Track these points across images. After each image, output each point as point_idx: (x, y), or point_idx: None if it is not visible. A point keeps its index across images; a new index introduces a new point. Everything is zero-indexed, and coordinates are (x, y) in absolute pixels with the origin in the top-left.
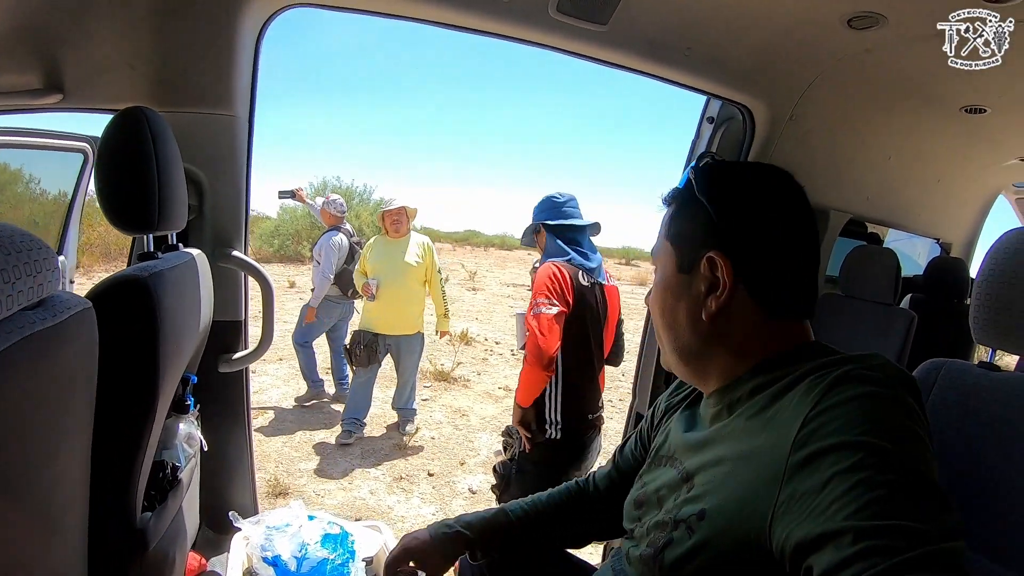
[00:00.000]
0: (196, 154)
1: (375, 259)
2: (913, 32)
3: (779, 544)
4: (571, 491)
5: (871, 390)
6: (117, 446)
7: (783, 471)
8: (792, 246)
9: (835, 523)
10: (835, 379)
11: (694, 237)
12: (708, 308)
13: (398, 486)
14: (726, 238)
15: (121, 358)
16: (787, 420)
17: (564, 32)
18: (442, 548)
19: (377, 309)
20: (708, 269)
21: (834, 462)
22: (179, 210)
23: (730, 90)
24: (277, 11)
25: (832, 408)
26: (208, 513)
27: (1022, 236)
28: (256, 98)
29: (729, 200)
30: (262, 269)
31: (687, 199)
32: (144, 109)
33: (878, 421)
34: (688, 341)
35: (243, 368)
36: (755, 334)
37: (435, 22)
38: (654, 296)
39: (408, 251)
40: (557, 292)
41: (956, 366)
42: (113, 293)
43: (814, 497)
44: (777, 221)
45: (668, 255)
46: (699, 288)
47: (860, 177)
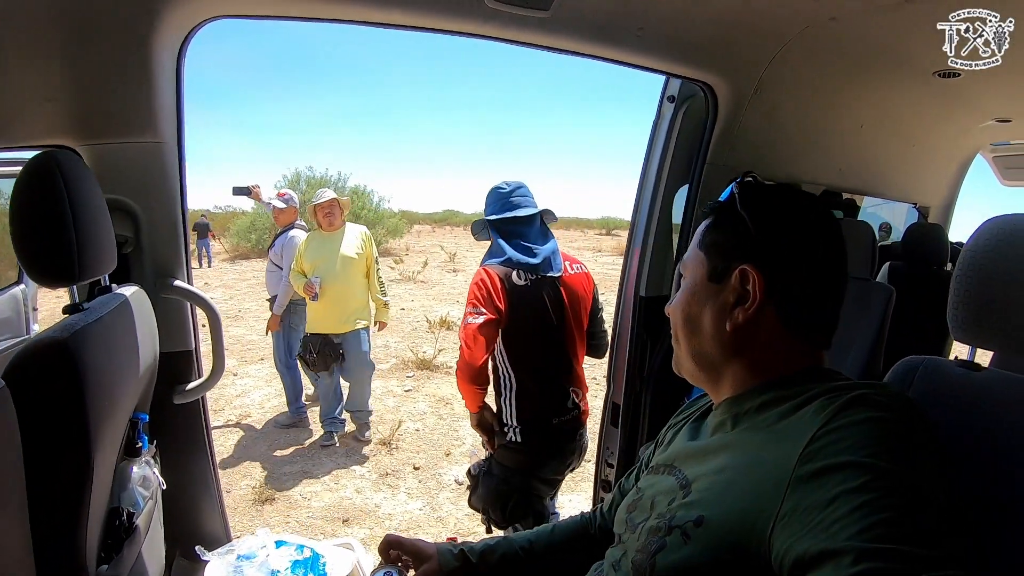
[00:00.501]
0: (126, 185)
1: (312, 256)
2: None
3: (778, 556)
4: (575, 523)
5: (883, 415)
6: (60, 509)
7: (787, 483)
8: (824, 271)
9: (837, 542)
10: (848, 401)
11: (729, 248)
12: (734, 319)
13: (384, 482)
14: (762, 253)
15: (49, 425)
16: (795, 435)
17: (502, 21)
18: (441, 557)
19: (322, 309)
20: (739, 281)
21: (841, 480)
22: (104, 255)
23: (689, 68)
24: (193, 28)
25: (843, 428)
26: (179, 546)
27: (999, 228)
28: (184, 121)
29: (769, 217)
30: (205, 296)
31: (726, 212)
32: (54, 153)
33: (889, 445)
34: (708, 348)
35: (199, 397)
36: (774, 351)
37: (363, 22)
38: (680, 301)
39: (345, 243)
40: (484, 299)
41: (934, 364)
42: (32, 362)
43: (818, 513)
44: (812, 245)
45: (699, 263)
46: (728, 299)
47: (832, 147)
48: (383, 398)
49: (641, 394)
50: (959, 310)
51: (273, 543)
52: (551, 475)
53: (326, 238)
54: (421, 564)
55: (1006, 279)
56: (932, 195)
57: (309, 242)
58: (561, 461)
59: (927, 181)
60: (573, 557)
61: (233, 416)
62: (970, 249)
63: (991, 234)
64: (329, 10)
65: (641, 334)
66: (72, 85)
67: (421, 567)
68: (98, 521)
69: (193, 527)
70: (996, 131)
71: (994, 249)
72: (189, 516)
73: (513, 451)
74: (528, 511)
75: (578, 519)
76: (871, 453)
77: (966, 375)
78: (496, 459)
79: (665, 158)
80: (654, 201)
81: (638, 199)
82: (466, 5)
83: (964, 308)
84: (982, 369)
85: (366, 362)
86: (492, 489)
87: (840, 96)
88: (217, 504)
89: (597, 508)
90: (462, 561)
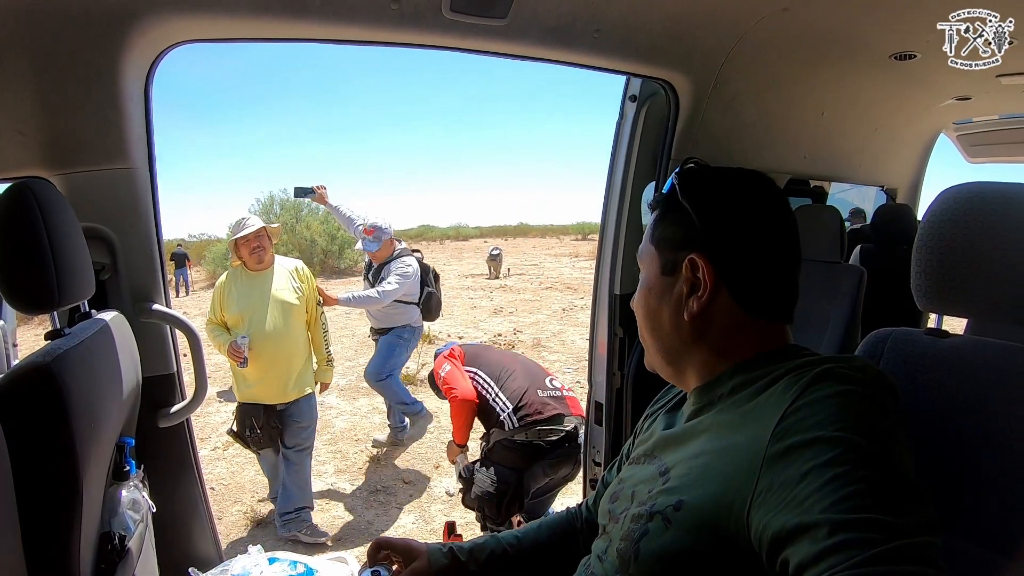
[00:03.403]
0: (100, 213)
1: (238, 304)
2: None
3: (757, 535)
4: (562, 518)
5: (850, 388)
6: (51, 532)
7: (761, 462)
8: (772, 248)
9: (811, 516)
10: (815, 376)
11: (676, 240)
12: (690, 308)
13: (375, 499)
14: (707, 240)
15: (36, 448)
16: (766, 414)
17: (461, 31)
18: (431, 556)
19: (257, 373)
20: (690, 271)
21: (812, 456)
22: (82, 280)
23: (648, 66)
24: (160, 54)
25: (811, 404)
26: (172, 569)
27: (954, 195)
28: (154, 146)
29: (710, 204)
30: (185, 319)
31: (671, 204)
32: (29, 183)
33: (856, 418)
34: (671, 342)
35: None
36: (736, 334)
37: (325, 39)
38: (640, 298)
39: (279, 284)
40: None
41: (903, 335)
42: (16, 387)
43: (791, 489)
44: (757, 224)
45: (652, 258)
46: (681, 290)
47: (795, 135)
48: (369, 415)
49: (622, 390)
50: (922, 279)
51: (266, 560)
52: (548, 471)
53: (254, 279)
54: (410, 563)
55: (965, 246)
56: (898, 177)
57: (230, 285)
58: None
59: (892, 163)
60: (561, 552)
61: (220, 443)
62: (929, 219)
63: (948, 204)
64: (291, 30)
65: (618, 331)
66: (41, 115)
67: (410, 566)
68: (90, 545)
69: (185, 549)
70: (957, 109)
71: (951, 219)
72: (180, 538)
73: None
74: (522, 507)
75: (564, 515)
76: (840, 427)
77: (933, 343)
78: (490, 458)
79: (631, 157)
80: (622, 200)
81: (607, 198)
82: (426, 17)
83: (926, 277)
84: (949, 336)
85: (310, 436)
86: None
87: (799, 85)
88: (208, 526)
89: (583, 503)
90: (451, 559)
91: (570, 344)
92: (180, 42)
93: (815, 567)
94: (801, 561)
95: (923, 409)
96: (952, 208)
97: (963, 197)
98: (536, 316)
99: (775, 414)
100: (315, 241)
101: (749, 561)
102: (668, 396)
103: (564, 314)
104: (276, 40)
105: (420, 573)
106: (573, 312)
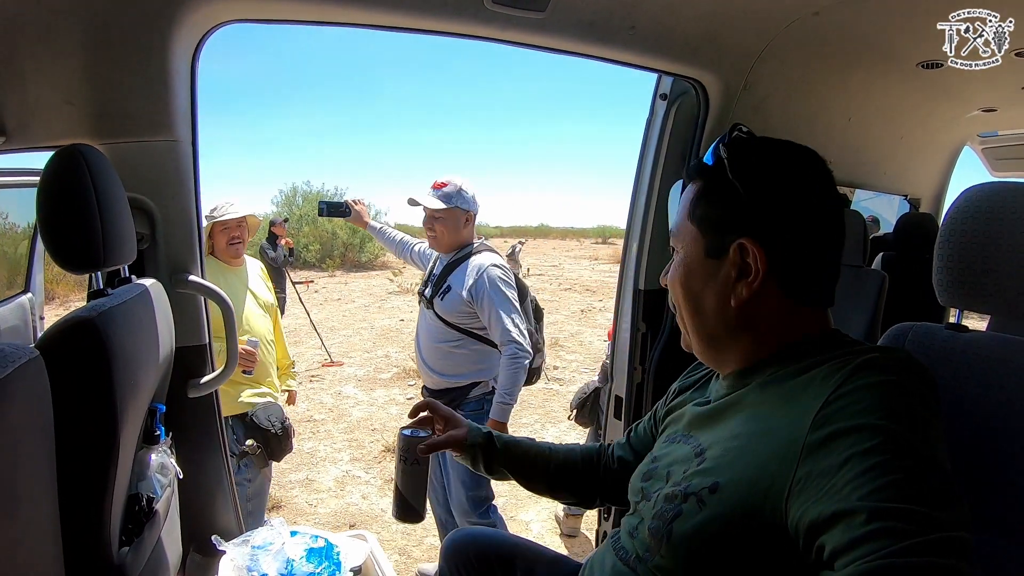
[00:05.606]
0: (142, 183)
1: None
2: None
3: (794, 522)
4: (592, 451)
5: (893, 379)
6: (86, 487)
7: (800, 449)
8: (823, 234)
9: (849, 503)
10: (857, 365)
11: (724, 222)
12: (738, 295)
13: (389, 488)
14: (759, 224)
15: (78, 401)
16: (807, 400)
17: (501, 23)
18: (470, 430)
19: (250, 379)
20: (739, 256)
21: (852, 444)
22: (126, 243)
23: (680, 65)
24: (208, 31)
25: (853, 392)
26: (194, 538)
27: (977, 193)
28: (197, 120)
29: (762, 183)
30: (219, 290)
31: (716, 178)
32: (80, 147)
33: (899, 408)
34: (714, 327)
35: (213, 391)
36: (780, 321)
37: (368, 25)
38: (678, 278)
39: (254, 281)
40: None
41: (923, 329)
42: (62, 338)
43: (830, 477)
44: (810, 208)
45: (694, 239)
46: (728, 274)
47: (821, 140)
48: (386, 406)
49: (643, 386)
50: (943, 275)
51: (288, 533)
52: None
53: (231, 276)
54: (450, 430)
55: (986, 243)
56: (923, 186)
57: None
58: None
59: (917, 172)
60: (582, 479)
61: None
62: (952, 216)
63: (971, 201)
64: (336, 14)
65: (641, 326)
66: (91, 87)
67: (449, 431)
68: (120, 505)
69: (207, 520)
70: (983, 121)
71: (973, 216)
72: (203, 509)
73: None
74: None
75: (595, 448)
76: (883, 416)
77: (953, 336)
78: None
79: (659, 155)
80: (650, 197)
81: (634, 195)
82: (468, 8)
83: (948, 273)
84: (969, 331)
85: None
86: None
87: (827, 89)
88: (231, 498)
89: (612, 444)
90: (487, 441)
91: (588, 345)
92: (228, 21)
93: (849, 554)
94: (836, 547)
95: (943, 402)
96: (975, 205)
97: (986, 195)
98: (554, 316)
99: (817, 401)
100: (336, 234)
101: (782, 545)
102: (700, 370)
103: (583, 315)
104: (319, 23)
105: (457, 440)
106: (592, 313)
